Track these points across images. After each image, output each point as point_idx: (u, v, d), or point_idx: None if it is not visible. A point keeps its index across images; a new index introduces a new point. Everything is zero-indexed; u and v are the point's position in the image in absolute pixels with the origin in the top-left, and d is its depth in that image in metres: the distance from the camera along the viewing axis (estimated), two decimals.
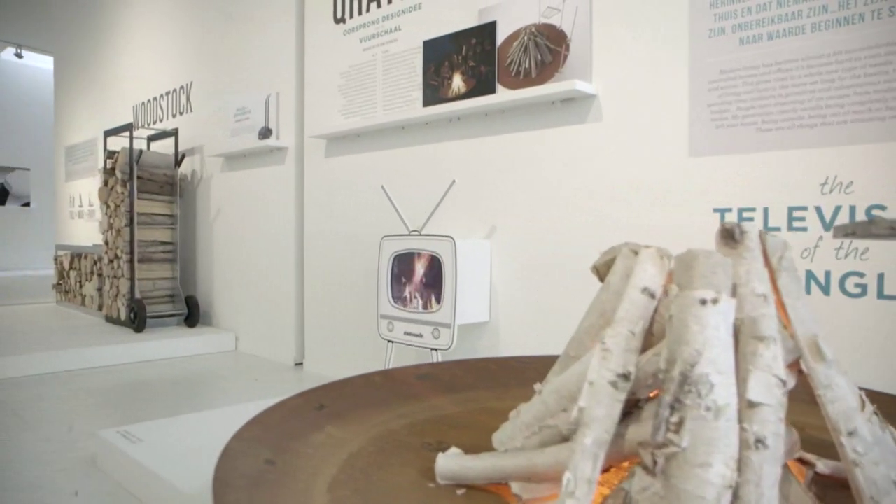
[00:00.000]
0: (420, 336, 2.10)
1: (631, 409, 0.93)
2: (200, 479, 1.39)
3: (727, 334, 0.81)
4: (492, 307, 2.17)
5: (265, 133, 3.16)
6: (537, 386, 1.08)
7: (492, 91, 2.12)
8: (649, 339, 0.93)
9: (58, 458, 1.79)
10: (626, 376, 0.87)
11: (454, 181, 2.10)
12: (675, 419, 0.78)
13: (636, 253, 1.00)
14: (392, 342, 2.23)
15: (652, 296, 0.92)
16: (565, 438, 0.97)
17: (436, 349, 2.06)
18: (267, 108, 3.20)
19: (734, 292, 0.87)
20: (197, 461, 1.49)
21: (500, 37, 2.11)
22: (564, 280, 1.99)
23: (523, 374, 1.56)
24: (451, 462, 0.98)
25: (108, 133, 3.98)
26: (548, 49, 1.99)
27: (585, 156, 1.94)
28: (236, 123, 3.42)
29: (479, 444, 1.15)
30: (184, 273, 4.06)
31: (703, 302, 0.81)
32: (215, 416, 1.85)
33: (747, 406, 0.79)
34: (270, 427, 1.04)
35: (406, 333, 2.16)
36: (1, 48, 10.60)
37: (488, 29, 2.13)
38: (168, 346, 3.31)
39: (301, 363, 3.11)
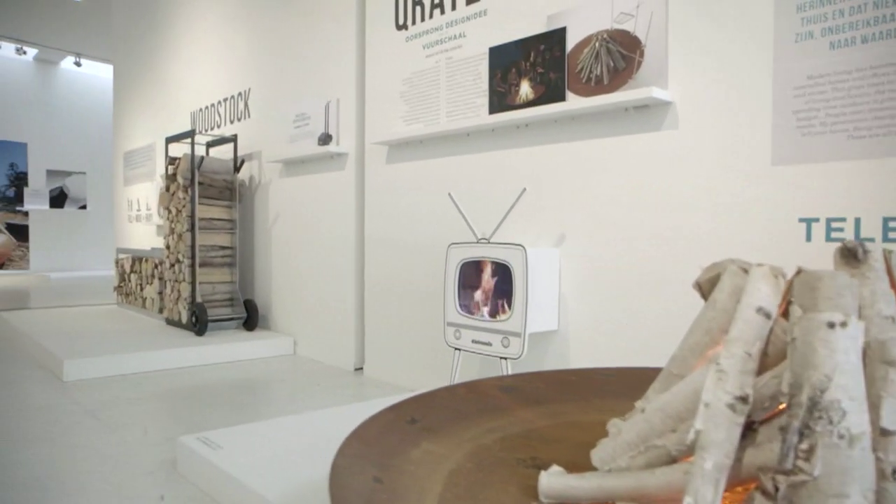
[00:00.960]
0: (489, 344, 2.09)
1: (744, 432, 0.91)
2: (286, 488, 1.41)
3: (857, 359, 0.78)
4: (560, 316, 2.15)
5: (325, 139, 3.19)
6: (638, 403, 1.06)
7: (561, 98, 2.10)
8: (763, 360, 0.91)
9: (138, 462, 1.84)
10: (744, 399, 0.84)
11: (525, 189, 2.09)
12: (804, 446, 0.75)
13: (746, 270, 0.97)
14: (459, 350, 2.23)
15: (767, 316, 0.89)
16: (674, 460, 0.95)
17: (505, 358, 2.05)
18: (327, 115, 3.23)
19: (860, 314, 0.84)
20: (280, 469, 1.51)
21: (570, 43, 2.09)
22: (636, 291, 1.96)
23: (604, 386, 1.53)
24: (554, 481, 0.97)
25: (169, 140, 4.07)
26: (620, 55, 1.96)
27: (660, 164, 1.91)
28: (295, 129, 3.47)
29: (572, 459, 1.14)
30: (242, 277, 4.13)
31: (831, 325, 0.79)
32: (291, 422, 1.87)
33: (881, 434, 0.76)
34: (369, 442, 1.05)
35: (474, 342, 2.15)
36: (61, 57, 10.97)
37: (558, 35, 2.11)
38: (229, 349, 3.37)
39: (361, 368, 3.13)
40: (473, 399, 1.38)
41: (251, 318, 3.82)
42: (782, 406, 0.89)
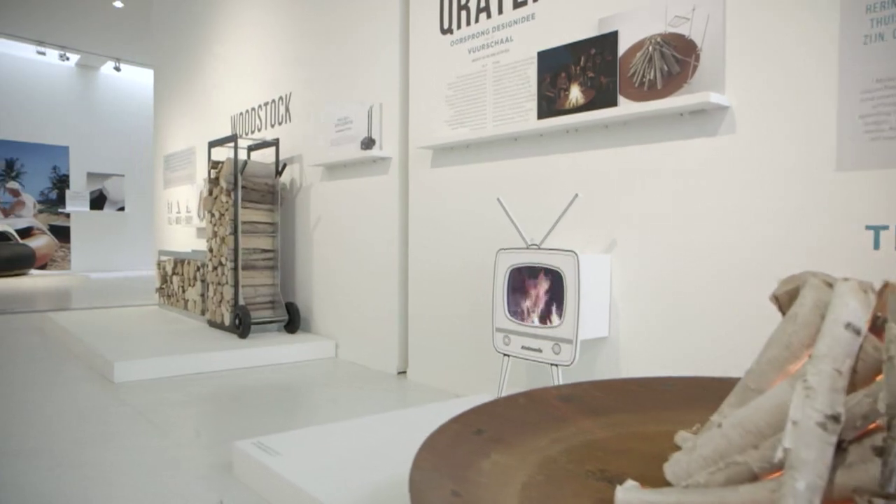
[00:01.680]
0: (539, 351, 2.08)
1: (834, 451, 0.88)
2: (346, 495, 1.41)
3: None
4: (611, 323, 2.12)
5: (368, 143, 3.21)
6: (714, 417, 1.04)
7: (613, 103, 2.07)
8: (852, 377, 0.88)
9: (193, 465, 1.86)
10: (835, 418, 0.82)
11: (577, 195, 2.07)
12: None
13: (829, 284, 0.95)
14: (508, 356, 2.21)
15: (857, 332, 0.87)
16: (756, 477, 0.93)
17: (556, 364, 2.03)
18: (370, 119, 3.25)
19: None
20: (339, 475, 1.52)
21: (623, 47, 2.06)
22: (688, 299, 1.93)
23: (662, 396, 1.51)
24: (631, 496, 0.95)
25: (212, 144, 4.13)
26: (675, 59, 1.93)
27: (716, 169, 1.88)
28: (337, 133, 3.49)
29: (642, 473, 1.12)
30: (283, 280, 4.17)
31: None
32: (345, 427, 1.88)
33: None
34: (441, 455, 1.04)
35: (524, 348, 2.14)
36: (102, 62, 11.21)
37: (609, 39, 2.08)
38: (271, 352, 3.40)
39: (404, 372, 3.14)
40: (534, 408, 1.37)
41: (293, 321, 3.85)
42: (873, 425, 0.86)
